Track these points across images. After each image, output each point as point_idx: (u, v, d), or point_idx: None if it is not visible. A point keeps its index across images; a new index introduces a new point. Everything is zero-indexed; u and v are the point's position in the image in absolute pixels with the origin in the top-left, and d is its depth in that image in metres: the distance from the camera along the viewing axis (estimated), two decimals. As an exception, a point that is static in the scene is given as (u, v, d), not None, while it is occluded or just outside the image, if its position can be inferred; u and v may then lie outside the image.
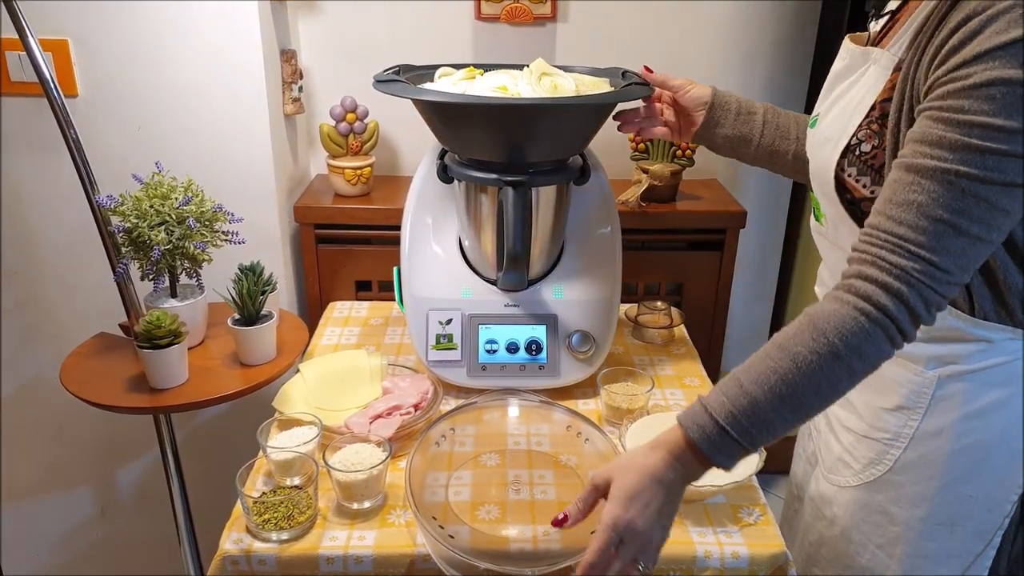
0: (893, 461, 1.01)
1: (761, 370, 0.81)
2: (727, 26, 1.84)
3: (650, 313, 1.56)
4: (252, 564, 1.01)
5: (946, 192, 0.77)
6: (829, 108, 1.01)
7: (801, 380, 0.80)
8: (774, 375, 0.81)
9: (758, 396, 0.81)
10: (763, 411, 0.81)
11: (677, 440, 0.84)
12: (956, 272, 0.79)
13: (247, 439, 1.20)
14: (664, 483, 0.84)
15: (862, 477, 1.04)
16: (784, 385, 0.80)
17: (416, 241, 1.38)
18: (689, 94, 1.26)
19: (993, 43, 0.74)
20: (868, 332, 0.79)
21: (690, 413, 0.85)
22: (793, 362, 0.80)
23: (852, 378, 0.81)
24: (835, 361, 0.79)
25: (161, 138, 1.59)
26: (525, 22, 1.79)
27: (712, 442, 0.82)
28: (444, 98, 1.18)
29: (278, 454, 1.10)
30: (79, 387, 1.33)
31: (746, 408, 0.81)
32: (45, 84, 1.26)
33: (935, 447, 0.98)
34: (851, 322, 0.79)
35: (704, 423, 0.83)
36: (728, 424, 0.81)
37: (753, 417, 0.81)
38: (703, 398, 0.85)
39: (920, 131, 0.79)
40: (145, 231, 1.31)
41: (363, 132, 1.78)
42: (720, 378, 1.96)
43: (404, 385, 1.31)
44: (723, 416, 0.82)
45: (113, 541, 1.99)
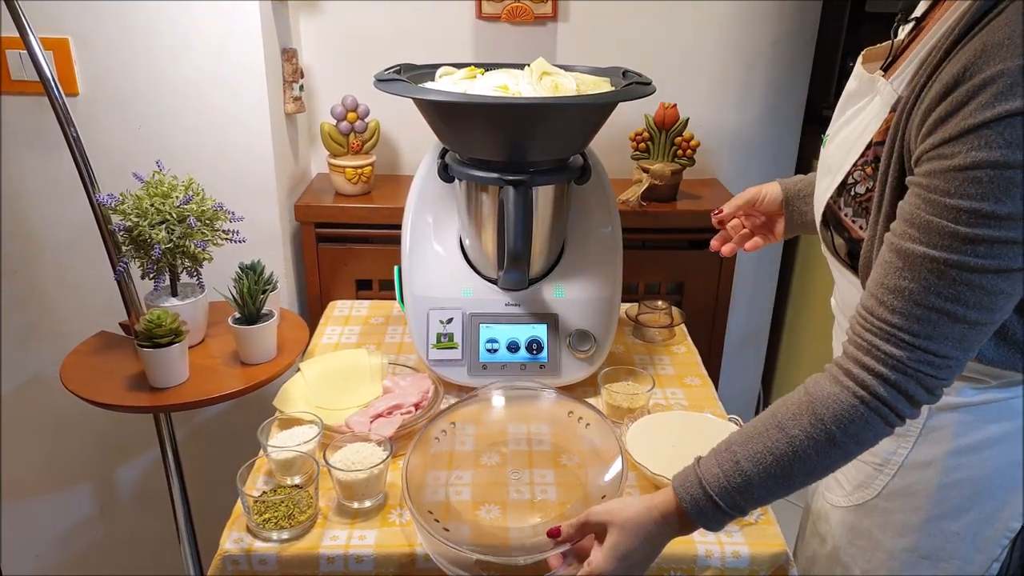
0: (881, 487, 0.99)
1: (758, 449, 0.82)
2: (728, 25, 1.84)
3: (651, 312, 1.56)
4: (252, 563, 1.01)
5: (938, 280, 0.73)
6: (838, 131, 0.97)
7: (796, 463, 0.81)
8: (770, 455, 0.81)
9: (752, 475, 0.82)
10: (755, 488, 0.82)
11: (670, 505, 0.86)
12: (958, 355, 0.76)
13: (247, 438, 1.20)
14: (654, 543, 0.88)
15: (852, 499, 1.03)
16: (779, 467, 0.81)
17: (417, 240, 1.38)
18: (766, 202, 1.21)
19: (977, 120, 0.69)
20: (866, 420, 0.78)
21: (685, 482, 0.86)
22: (790, 445, 0.80)
23: (847, 459, 0.82)
24: (831, 447, 0.80)
25: (162, 137, 1.59)
26: (526, 21, 1.79)
27: (703, 512, 0.84)
28: (445, 97, 1.18)
29: (279, 453, 1.10)
30: (79, 386, 1.33)
31: (739, 485, 0.82)
32: (46, 82, 1.26)
33: (923, 478, 0.96)
34: (849, 410, 0.79)
35: (697, 495, 0.84)
36: (720, 498, 0.83)
37: (746, 493, 0.82)
38: (699, 467, 0.86)
39: (909, 211, 0.75)
40: (146, 230, 1.31)
41: (364, 131, 1.78)
42: (720, 377, 1.98)
43: (405, 384, 1.31)
44: (716, 490, 0.83)
45: (113, 540, 1.99)
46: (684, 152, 1.80)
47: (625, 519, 0.87)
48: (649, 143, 1.81)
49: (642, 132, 1.80)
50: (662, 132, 1.79)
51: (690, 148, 1.79)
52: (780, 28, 1.88)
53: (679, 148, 1.79)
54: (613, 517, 0.88)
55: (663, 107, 1.77)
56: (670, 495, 0.87)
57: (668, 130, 1.78)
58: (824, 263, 1.05)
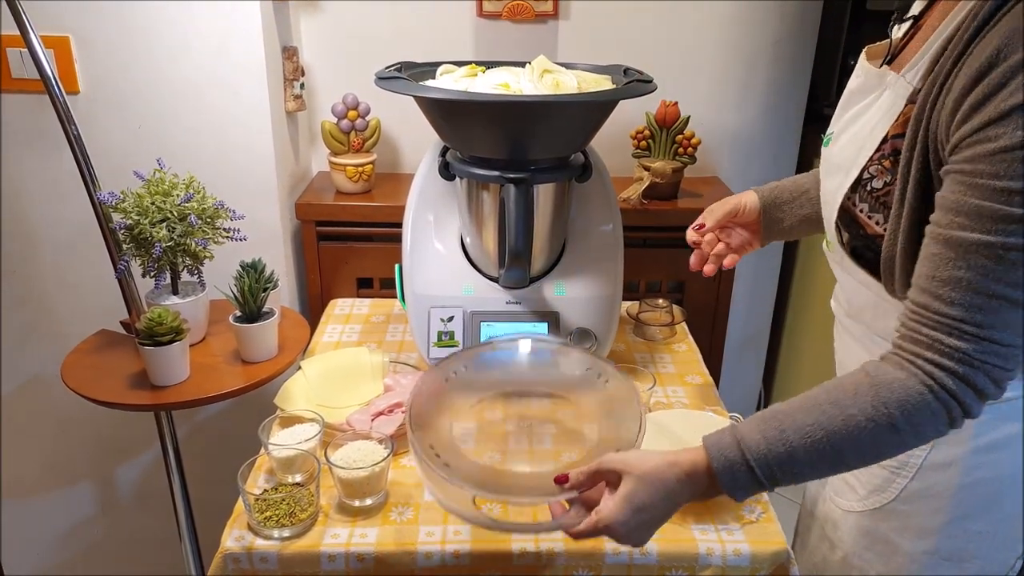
0: (899, 490, 0.97)
1: (808, 422, 0.78)
2: (728, 25, 1.84)
3: (651, 311, 1.56)
4: (254, 561, 1.01)
5: (995, 266, 0.71)
6: (843, 129, 0.96)
7: (848, 444, 0.77)
8: (821, 431, 0.77)
9: (798, 449, 0.78)
10: (798, 463, 0.78)
11: (698, 463, 0.82)
12: (1021, 343, 0.74)
13: (249, 436, 1.20)
14: (672, 500, 0.82)
15: (867, 503, 1.01)
16: (829, 445, 0.77)
17: (418, 238, 1.38)
18: (746, 212, 1.17)
19: (1019, 100, 0.69)
20: (933, 412, 0.75)
21: (721, 443, 0.81)
22: (845, 424, 0.77)
23: (900, 449, 0.79)
24: (890, 433, 0.76)
25: (162, 135, 1.59)
26: (527, 19, 1.79)
27: (735, 478, 0.80)
28: (446, 95, 1.18)
29: (280, 451, 1.10)
30: (80, 384, 1.33)
31: (781, 457, 0.78)
32: (47, 81, 1.26)
33: (943, 479, 0.95)
34: (917, 398, 0.75)
35: (734, 459, 0.80)
36: (758, 465, 0.79)
37: (786, 467, 0.78)
38: (739, 431, 0.81)
39: (954, 199, 0.74)
40: (147, 228, 1.31)
41: (365, 129, 1.78)
42: (721, 375, 1.98)
43: (406, 382, 1.31)
44: (755, 457, 0.79)
45: (114, 539, 1.99)
46: (685, 150, 1.79)
47: (644, 470, 0.82)
48: (650, 141, 1.80)
49: (643, 130, 1.80)
50: (663, 130, 1.78)
51: (691, 146, 1.79)
52: (781, 27, 1.88)
53: (680, 146, 1.79)
54: (630, 466, 0.83)
55: (664, 105, 1.77)
56: (700, 455, 0.82)
57: (669, 128, 1.78)
58: (825, 263, 1.05)
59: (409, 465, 1.17)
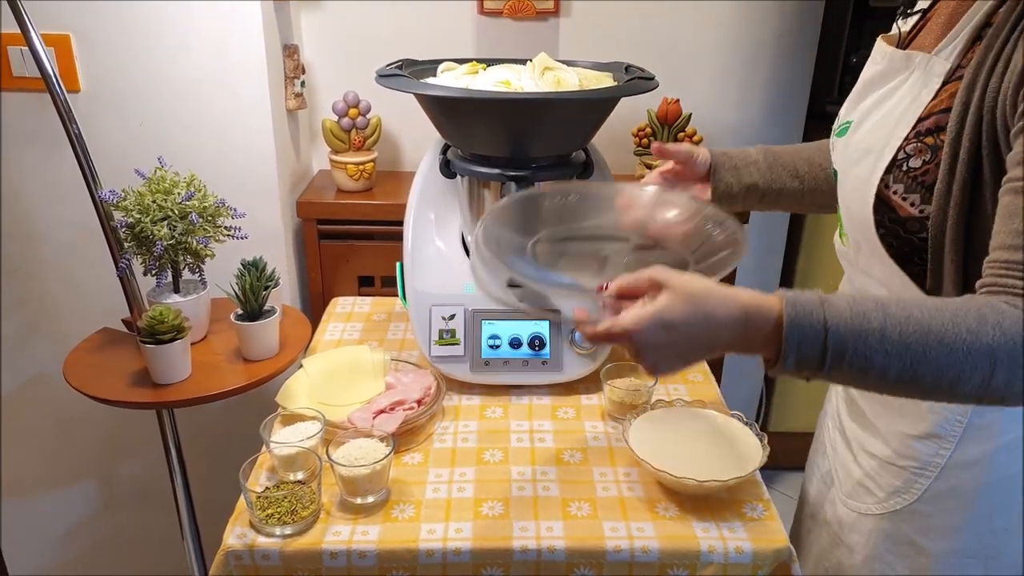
0: (922, 491, 0.96)
1: (901, 314, 0.72)
2: (730, 20, 1.84)
3: (653, 308, 1.56)
4: (255, 559, 1.01)
5: None
6: (865, 116, 0.94)
7: (938, 350, 0.70)
8: (915, 324, 0.71)
9: (882, 330, 0.71)
10: (873, 349, 0.71)
11: (764, 306, 0.74)
12: None
13: (250, 434, 1.20)
14: (708, 334, 0.75)
15: (886, 506, 1.00)
16: (916, 340, 0.70)
17: (419, 236, 1.38)
18: (698, 163, 1.14)
19: None
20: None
21: (801, 296, 0.74)
22: (943, 327, 0.70)
23: (975, 386, 0.72)
24: (984, 357, 0.70)
25: (163, 133, 1.59)
26: (528, 17, 1.79)
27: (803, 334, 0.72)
28: (447, 92, 1.18)
29: (281, 449, 1.10)
30: (82, 382, 1.33)
31: (862, 332, 0.71)
32: (47, 79, 1.26)
33: (968, 478, 0.93)
34: None
35: (811, 313, 0.72)
36: (833, 333, 0.71)
37: (860, 347, 0.71)
38: (824, 295, 0.74)
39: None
40: (148, 226, 1.31)
41: (365, 127, 1.78)
42: (723, 373, 1.98)
43: (407, 380, 1.31)
44: (835, 322, 0.71)
45: (116, 536, 1.99)
46: (686, 148, 1.79)
47: (689, 290, 0.74)
48: (652, 138, 1.80)
49: (645, 127, 1.80)
50: (665, 127, 1.78)
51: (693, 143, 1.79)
52: (783, 23, 1.87)
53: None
54: (675, 281, 0.75)
55: (666, 102, 1.77)
56: (772, 299, 0.75)
57: (671, 125, 1.78)
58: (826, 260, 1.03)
59: (410, 463, 1.17)
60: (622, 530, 1.03)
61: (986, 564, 0.96)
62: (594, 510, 1.07)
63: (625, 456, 1.18)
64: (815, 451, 1.23)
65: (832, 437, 1.15)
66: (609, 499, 1.09)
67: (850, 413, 1.09)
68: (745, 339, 0.76)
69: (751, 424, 1.18)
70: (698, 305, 0.74)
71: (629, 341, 0.75)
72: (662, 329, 0.74)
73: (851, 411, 1.09)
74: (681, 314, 0.74)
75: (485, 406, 1.31)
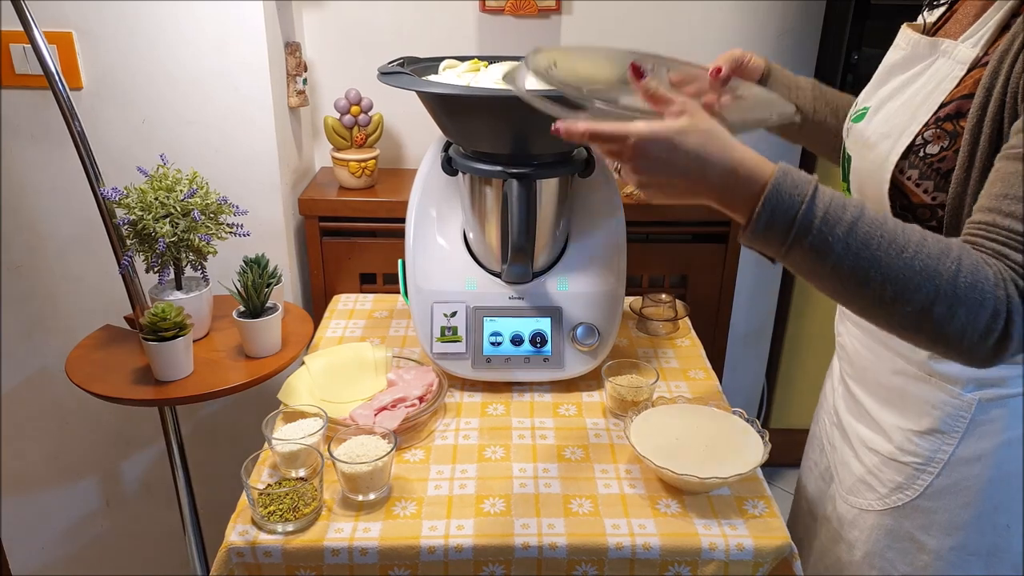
0: (924, 487, 0.96)
1: (880, 219, 0.73)
2: (732, 17, 1.84)
3: (654, 305, 1.56)
4: (257, 556, 1.01)
5: None
6: (884, 102, 0.94)
7: (892, 260, 0.71)
8: (883, 231, 0.72)
9: (856, 225, 0.72)
10: (837, 238, 0.72)
11: (757, 166, 0.76)
12: None
13: (252, 431, 1.20)
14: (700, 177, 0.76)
15: (888, 502, 1.00)
16: (879, 246, 0.72)
17: (420, 234, 1.38)
18: (748, 66, 1.15)
19: None
20: (985, 297, 0.70)
21: (795, 171, 0.76)
22: (907, 242, 0.72)
23: (926, 306, 0.71)
24: (939, 280, 0.71)
25: (166, 130, 1.59)
26: (529, 14, 1.79)
27: (780, 200, 0.73)
28: (448, 90, 1.18)
29: (283, 446, 1.10)
30: (84, 379, 1.33)
31: (833, 218, 0.72)
32: (50, 76, 1.26)
33: (971, 474, 0.93)
34: (983, 273, 0.71)
35: (799, 184, 0.74)
36: (807, 207, 0.72)
37: (826, 228, 0.72)
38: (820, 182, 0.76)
39: None
40: (150, 223, 1.31)
41: (367, 125, 1.78)
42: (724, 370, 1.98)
43: (409, 377, 1.31)
44: (815, 201, 0.73)
45: (118, 533, 1.99)
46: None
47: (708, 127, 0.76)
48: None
49: (646, 125, 1.80)
50: (666, 125, 1.78)
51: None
52: (785, 21, 1.87)
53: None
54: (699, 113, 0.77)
55: (667, 100, 1.76)
56: (768, 163, 0.76)
57: (672, 123, 1.77)
58: None
59: (411, 460, 1.17)
60: (623, 527, 1.03)
61: (988, 561, 0.96)
62: (595, 507, 1.07)
63: (626, 453, 1.19)
64: (811, 447, 1.23)
65: (829, 433, 1.15)
66: (610, 496, 1.10)
67: (849, 409, 1.09)
68: (728, 189, 0.76)
69: (752, 421, 1.19)
70: (706, 141, 0.75)
71: (633, 148, 0.76)
72: (667, 148, 0.75)
73: (850, 407, 1.09)
74: (691, 143, 0.75)
75: (487, 403, 1.31)
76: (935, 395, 0.94)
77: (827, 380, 1.22)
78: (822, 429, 1.20)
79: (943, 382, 0.93)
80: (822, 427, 1.20)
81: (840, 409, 1.12)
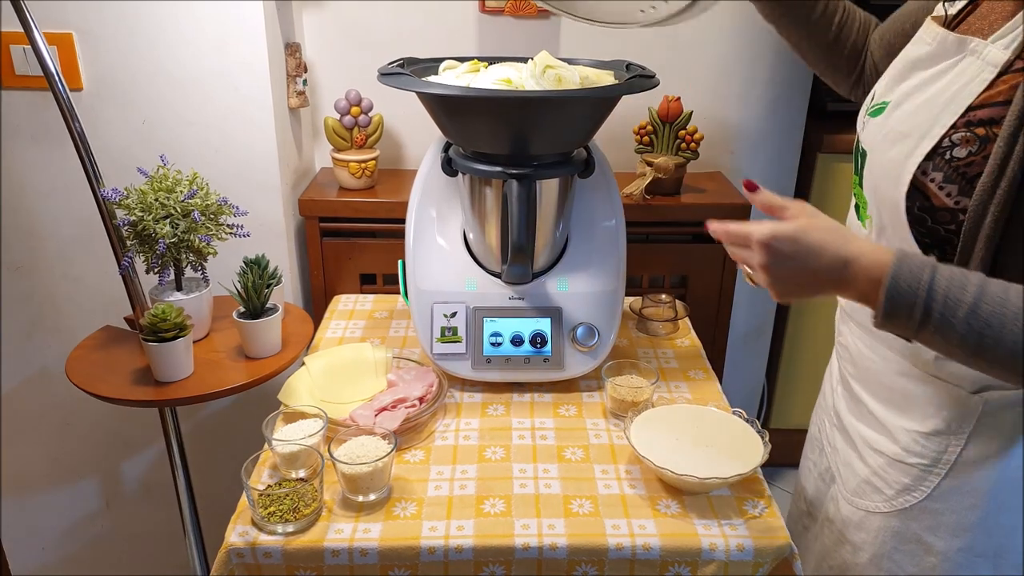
0: (931, 488, 0.95)
1: (999, 298, 0.75)
2: (732, 18, 1.84)
3: (654, 306, 1.56)
4: (258, 556, 1.01)
5: None
6: (905, 98, 0.91)
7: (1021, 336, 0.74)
8: (1003, 310, 0.74)
9: (979, 300, 0.75)
10: (964, 317, 0.75)
11: (872, 257, 0.79)
12: None
13: (252, 432, 1.20)
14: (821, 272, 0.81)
15: (895, 504, 0.99)
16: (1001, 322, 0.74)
17: (420, 234, 1.38)
18: None
19: None
20: None
21: (911, 259, 0.78)
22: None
23: None
24: None
25: (166, 131, 1.59)
26: (529, 15, 1.79)
27: (898, 292, 0.77)
28: (448, 91, 1.18)
29: (283, 447, 1.11)
30: (84, 380, 1.33)
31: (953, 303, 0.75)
32: (50, 77, 1.26)
33: (978, 475, 0.93)
34: None
35: (918, 274, 0.77)
36: (927, 296, 0.76)
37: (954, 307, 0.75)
38: (936, 263, 0.78)
39: None
40: (150, 224, 1.32)
41: (368, 125, 1.78)
42: (724, 370, 1.98)
43: (409, 378, 1.31)
44: (934, 288, 0.76)
45: (118, 534, 1.99)
46: (688, 145, 1.79)
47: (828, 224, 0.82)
48: (653, 136, 1.80)
49: (646, 125, 1.80)
50: (666, 125, 1.78)
51: (694, 141, 1.79)
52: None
53: (683, 141, 1.79)
54: (815, 211, 0.83)
55: (667, 100, 1.77)
56: (884, 251, 0.80)
57: (672, 123, 1.78)
58: None
59: (411, 460, 1.17)
60: (623, 527, 1.03)
61: (995, 563, 0.96)
62: (596, 507, 1.07)
63: (626, 453, 1.19)
64: (810, 448, 1.23)
65: (830, 435, 1.15)
66: (611, 496, 1.10)
67: (851, 410, 1.09)
68: (850, 281, 0.81)
69: (752, 421, 1.19)
70: (825, 237, 0.81)
71: (759, 246, 0.82)
72: (791, 245, 0.80)
73: (852, 408, 1.09)
74: (812, 239, 0.80)
75: (487, 403, 1.31)
76: (942, 396, 0.93)
77: (826, 380, 1.22)
78: (821, 430, 1.19)
79: (950, 383, 0.92)
80: (821, 429, 1.19)
81: (841, 410, 1.11)
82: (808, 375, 2.31)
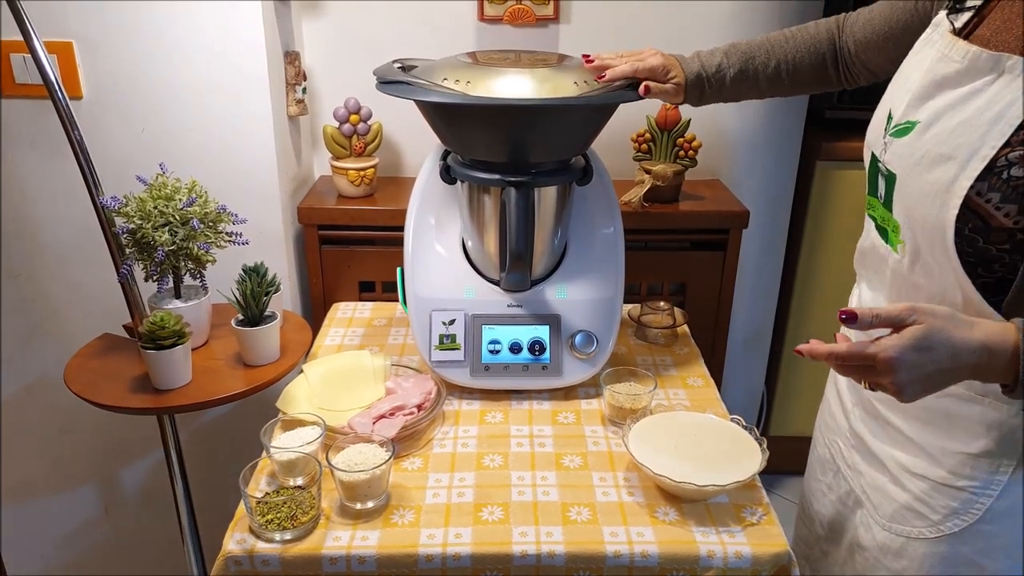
0: (983, 510, 0.93)
1: None
2: (729, 26, 1.84)
3: (653, 313, 1.56)
4: (255, 564, 1.01)
5: None
6: (937, 117, 0.88)
7: None
8: None
9: None
10: None
11: (1002, 336, 0.79)
12: None
13: (250, 440, 1.20)
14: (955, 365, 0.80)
15: (942, 528, 0.96)
16: None
17: (419, 242, 1.38)
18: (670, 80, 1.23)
19: None
20: None
21: None
22: None
23: None
24: None
25: (165, 139, 1.60)
26: (528, 23, 1.79)
27: None
28: (447, 99, 1.18)
29: (281, 454, 1.10)
30: (83, 388, 1.33)
31: None
32: (50, 86, 1.27)
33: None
34: None
35: None
36: None
37: None
38: None
39: None
40: (149, 232, 1.32)
41: (366, 133, 1.79)
42: (723, 377, 1.98)
43: (407, 385, 1.31)
44: None
45: (117, 541, 1.99)
46: (686, 153, 1.80)
47: (946, 318, 0.80)
48: (651, 144, 1.81)
49: (644, 133, 1.81)
50: (664, 133, 1.79)
51: (692, 149, 1.79)
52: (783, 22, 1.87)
53: (681, 149, 1.79)
54: (928, 308, 0.80)
55: (665, 108, 1.77)
56: (1009, 326, 0.80)
57: (670, 131, 1.78)
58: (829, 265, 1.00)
59: (410, 468, 1.17)
60: (622, 535, 1.03)
61: None
62: (594, 515, 1.07)
63: (625, 461, 1.19)
64: (821, 470, 1.20)
65: (848, 457, 1.12)
66: (609, 504, 1.10)
67: (875, 433, 1.06)
68: (983, 367, 0.80)
69: (751, 428, 1.19)
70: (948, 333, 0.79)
71: (885, 363, 0.79)
72: (919, 351, 0.78)
73: (879, 432, 1.05)
74: (937, 341, 0.79)
75: (485, 411, 1.31)
76: (989, 415, 0.91)
77: (833, 399, 1.19)
78: (835, 452, 1.16)
79: (997, 402, 0.90)
80: (834, 449, 1.16)
81: (863, 433, 1.08)
82: (808, 382, 2.31)
